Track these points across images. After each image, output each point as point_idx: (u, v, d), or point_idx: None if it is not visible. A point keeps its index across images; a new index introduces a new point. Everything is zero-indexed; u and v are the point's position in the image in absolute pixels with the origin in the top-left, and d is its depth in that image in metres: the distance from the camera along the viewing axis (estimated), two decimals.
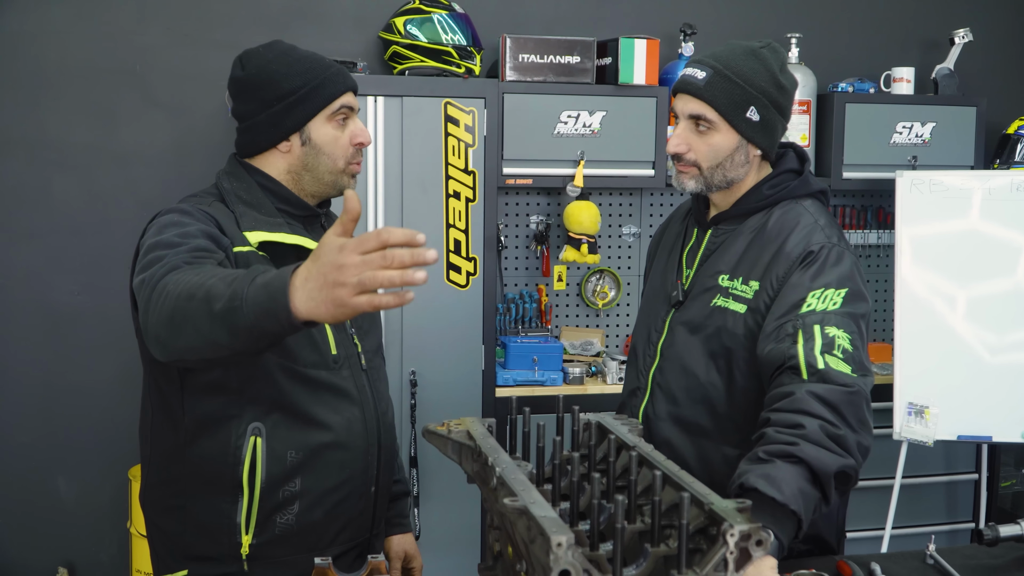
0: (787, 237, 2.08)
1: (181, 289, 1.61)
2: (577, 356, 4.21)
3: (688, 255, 2.25)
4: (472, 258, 3.76)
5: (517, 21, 4.18)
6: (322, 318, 1.48)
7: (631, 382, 2.32)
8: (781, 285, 2.03)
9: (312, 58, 2.06)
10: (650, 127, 3.95)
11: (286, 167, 2.06)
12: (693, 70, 2.11)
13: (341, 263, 1.42)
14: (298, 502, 1.97)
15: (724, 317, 2.09)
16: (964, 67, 4.45)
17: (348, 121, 2.08)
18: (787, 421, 1.82)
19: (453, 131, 3.70)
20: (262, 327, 1.53)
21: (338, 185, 2.09)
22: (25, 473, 3.96)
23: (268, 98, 2.02)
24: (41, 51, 3.83)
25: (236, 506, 1.94)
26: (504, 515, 1.58)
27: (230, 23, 3.96)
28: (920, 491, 4.29)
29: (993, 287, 3.84)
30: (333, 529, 2.03)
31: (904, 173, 3.93)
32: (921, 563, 2.04)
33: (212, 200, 2.02)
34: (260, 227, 1.97)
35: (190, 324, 1.59)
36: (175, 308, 1.61)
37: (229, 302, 1.54)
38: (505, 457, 1.63)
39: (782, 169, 2.18)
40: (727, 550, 1.33)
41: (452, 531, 3.82)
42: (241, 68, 2.06)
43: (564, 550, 1.27)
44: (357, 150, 2.09)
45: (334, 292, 1.43)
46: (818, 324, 1.92)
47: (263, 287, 1.52)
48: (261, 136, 2.05)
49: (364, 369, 2.10)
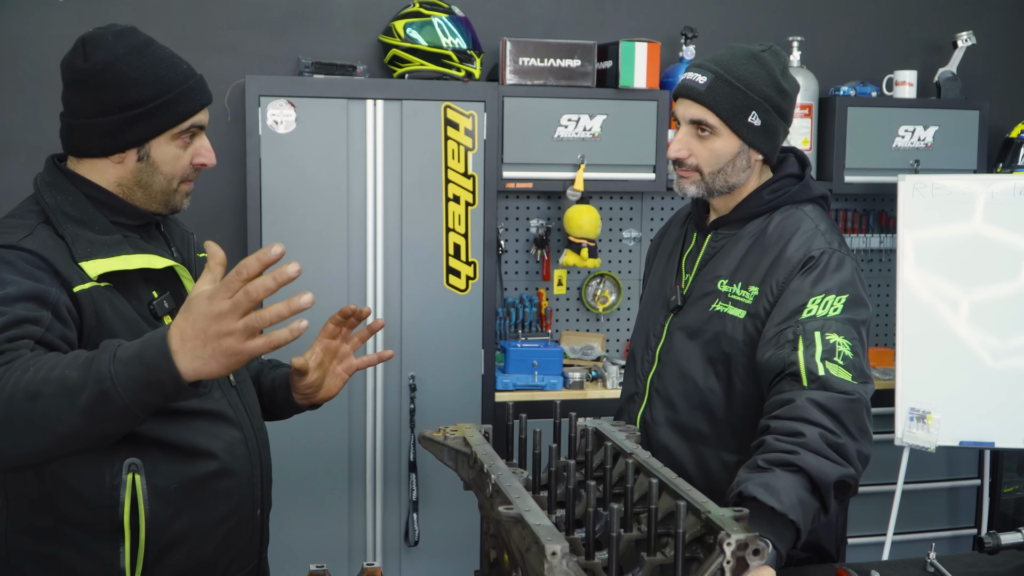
0: (787, 242, 2.06)
1: (15, 391, 1.42)
2: (577, 360, 4.20)
3: (687, 259, 2.23)
4: (472, 262, 3.74)
5: (517, 24, 4.16)
6: (214, 373, 1.38)
7: (629, 387, 2.30)
8: (781, 291, 2.01)
9: (169, 63, 1.81)
10: (651, 131, 3.93)
11: (116, 179, 1.82)
12: (694, 75, 2.08)
13: (217, 311, 1.34)
14: (188, 539, 1.81)
15: (723, 322, 2.07)
16: (967, 70, 4.43)
17: (195, 139, 1.86)
18: (787, 429, 1.79)
19: (453, 135, 3.68)
20: (142, 402, 1.40)
21: (170, 204, 1.87)
22: None
23: (109, 103, 1.77)
24: (41, 54, 3.81)
25: (118, 551, 1.74)
26: (500, 523, 1.57)
27: (230, 27, 3.95)
28: (922, 497, 4.27)
29: (996, 291, 3.82)
30: (224, 561, 1.89)
31: (906, 177, 3.91)
32: (921, 571, 2.03)
33: (36, 224, 1.75)
34: (97, 253, 1.74)
35: (37, 426, 1.42)
36: (9, 413, 1.42)
37: (96, 386, 1.39)
38: (501, 464, 1.61)
39: (783, 174, 2.16)
40: (724, 559, 1.31)
41: (451, 537, 3.80)
42: (83, 57, 1.79)
43: (559, 559, 1.25)
44: (195, 170, 1.87)
45: (222, 343, 1.36)
46: (819, 330, 1.90)
47: (136, 360, 1.39)
48: (93, 142, 1.79)
49: (234, 386, 1.94)
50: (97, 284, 1.72)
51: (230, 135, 3.93)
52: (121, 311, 1.74)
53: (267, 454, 2.00)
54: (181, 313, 1.38)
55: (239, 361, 1.37)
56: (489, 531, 1.78)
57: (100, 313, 1.70)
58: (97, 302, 1.70)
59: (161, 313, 1.82)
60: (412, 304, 3.71)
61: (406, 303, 3.70)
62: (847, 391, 1.84)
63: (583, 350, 4.25)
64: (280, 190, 3.59)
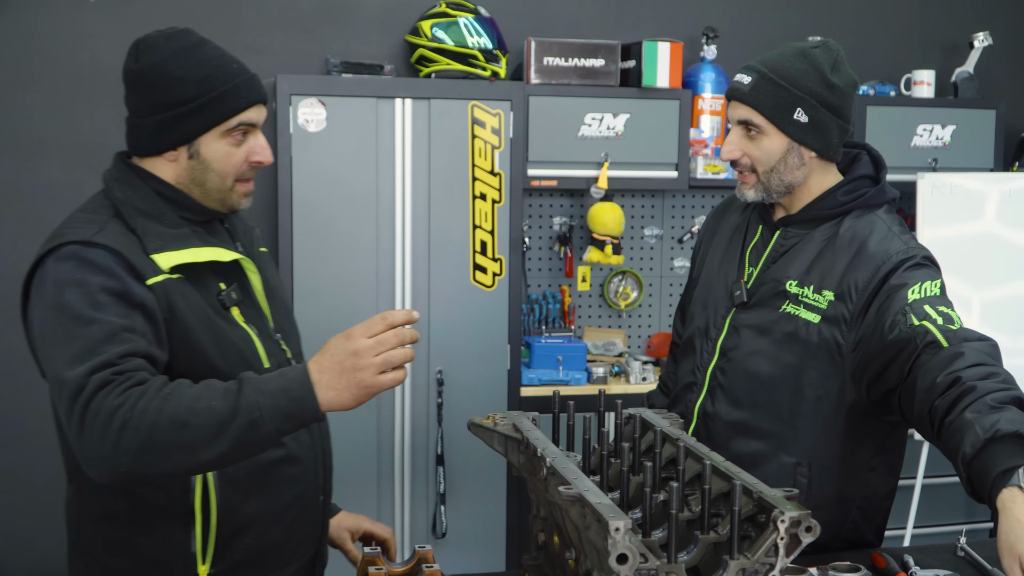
0: (862, 246, 2.04)
1: (158, 418, 1.56)
2: (600, 356, 4.25)
3: (752, 253, 2.21)
4: (498, 259, 3.80)
5: (540, 24, 4.22)
6: (346, 404, 1.60)
7: (686, 375, 2.27)
8: (863, 294, 1.99)
9: (217, 61, 1.85)
10: (673, 129, 3.99)
11: (174, 177, 1.87)
12: (740, 76, 2.10)
13: (354, 348, 1.57)
14: (257, 523, 1.88)
15: (795, 324, 2.06)
16: (983, 70, 4.49)
17: (248, 136, 1.89)
18: (982, 373, 1.73)
19: (479, 133, 3.74)
20: (283, 430, 1.61)
21: (227, 204, 1.91)
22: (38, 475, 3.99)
23: (158, 101, 1.82)
24: (74, 54, 3.88)
25: (189, 535, 1.81)
26: (554, 504, 1.62)
27: (259, 27, 4.01)
28: (941, 491, 4.31)
29: (1008, 290, 3.87)
30: (290, 546, 1.96)
31: (925, 175, 3.96)
32: (952, 555, 2.08)
33: (108, 218, 1.80)
34: (168, 246, 1.80)
35: (182, 451, 1.58)
36: (153, 438, 1.56)
37: (247, 416, 1.57)
38: (554, 448, 1.67)
39: (857, 175, 2.14)
40: (778, 536, 1.37)
41: (478, 529, 3.86)
42: (135, 58, 1.85)
43: (622, 535, 1.31)
44: (251, 168, 1.91)
45: (356, 376, 1.57)
46: (928, 306, 1.90)
47: (281, 394, 1.58)
48: (146, 140, 1.86)
49: None
50: (169, 276, 1.78)
51: (265, 134, 3.98)
52: (191, 302, 1.80)
53: (329, 444, 2.07)
54: (319, 352, 1.61)
55: (369, 394, 1.59)
56: (539, 514, 1.84)
57: (173, 305, 1.76)
58: (170, 294, 1.76)
59: (229, 304, 1.88)
60: (440, 300, 3.77)
61: (434, 299, 3.77)
62: (985, 338, 1.83)
63: (605, 346, 4.30)
64: (310, 188, 3.65)
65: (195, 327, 1.78)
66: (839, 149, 2.13)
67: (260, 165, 1.92)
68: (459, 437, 3.70)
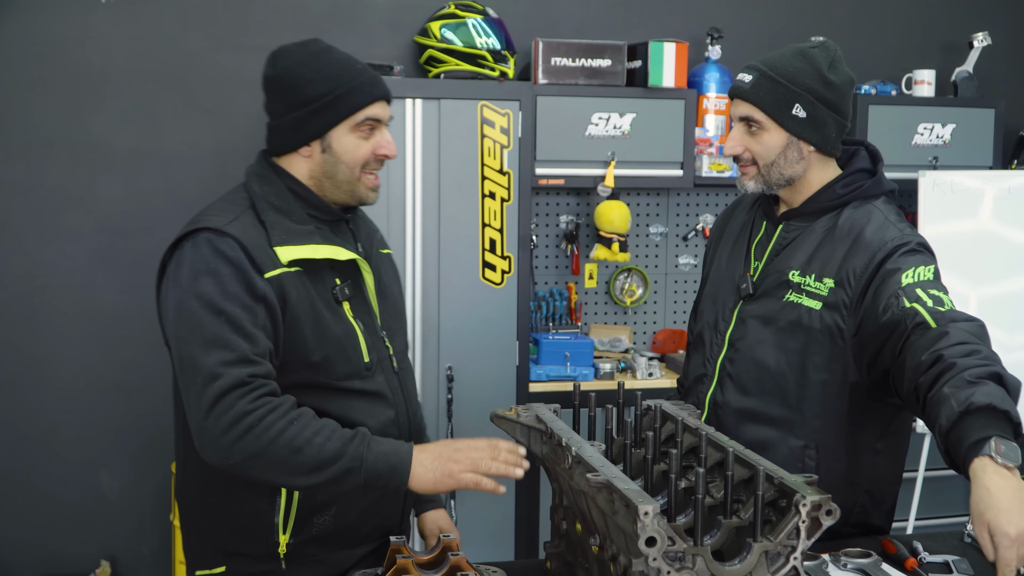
0: (859, 234, 2.13)
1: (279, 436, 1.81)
2: (606, 352, 4.31)
3: (757, 247, 2.31)
4: (507, 256, 3.86)
5: (547, 25, 4.27)
6: (426, 485, 1.88)
7: (697, 369, 2.37)
8: (860, 280, 2.08)
9: (343, 63, 2.02)
10: (679, 128, 4.05)
11: (308, 172, 2.04)
12: (742, 75, 2.20)
13: (457, 446, 1.90)
14: (336, 504, 2.02)
15: (798, 312, 2.16)
16: (983, 70, 4.56)
17: (375, 132, 2.03)
18: (964, 351, 1.81)
19: (489, 133, 3.79)
20: (369, 487, 1.86)
21: (356, 195, 2.06)
22: (68, 468, 4.05)
23: (292, 101, 1.99)
24: (85, 55, 3.93)
25: (274, 507, 1.98)
26: (579, 492, 1.68)
27: (269, 28, 4.06)
28: (942, 483, 4.37)
29: (1005, 287, 3.93)
30: (367, 527, 2.09)
31: (927, 173, 4.02)
32: (959, 542, 2.14)
33: (243, 210, 1.98)
34: (291, 240, 1.95)
35: (283, 470, 1.83)
36: (268, 451, 1.81)
37: (349, 463, 1.83)
38: (578, 438, 1.73)
39: (855, 168, 2.24)
40: (800, 519, 1.43)
41: (487, 523, 3.91)
42: (272, 66, 2.03)
43: (651, 518, 1.37)
44: (377, 161, 2.05)
45: (447, 466, 1.87)
46: (920, 289, 1.98)
47: (383, 459, 1.86)
48: (284, 138, 2.03)
49: (396, 371, 2.13)
50: (287, 269, 1.94)
51: None
52: (303, 294, 1.96)
53: (419, 436, 2.21)
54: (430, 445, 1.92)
55: (449, 485, 1.87)
56: (561, 503, 1.89)
57: (286, 296, 1.93)
58: (284, 286, 1.92)
59: (342, 298, 2.04)
60: (449, 297, 3.82)
61: (443, 297, 3.82)
62: (973, 319, 1.91)
63: (611, 342, 4.36)
64: None
65: (301, 318, 1.94)
66: (837, 144, 2.23)
67: (386, 158, 2.06)
68: (469, 432, 3.75)
